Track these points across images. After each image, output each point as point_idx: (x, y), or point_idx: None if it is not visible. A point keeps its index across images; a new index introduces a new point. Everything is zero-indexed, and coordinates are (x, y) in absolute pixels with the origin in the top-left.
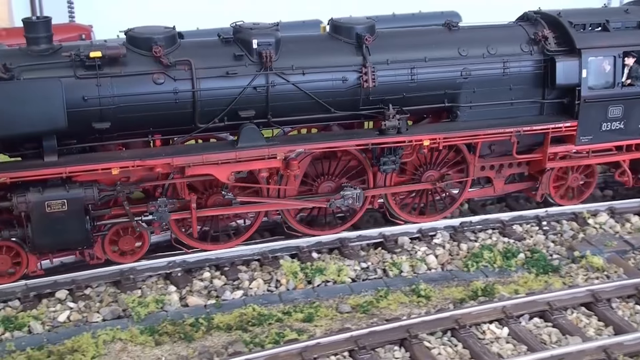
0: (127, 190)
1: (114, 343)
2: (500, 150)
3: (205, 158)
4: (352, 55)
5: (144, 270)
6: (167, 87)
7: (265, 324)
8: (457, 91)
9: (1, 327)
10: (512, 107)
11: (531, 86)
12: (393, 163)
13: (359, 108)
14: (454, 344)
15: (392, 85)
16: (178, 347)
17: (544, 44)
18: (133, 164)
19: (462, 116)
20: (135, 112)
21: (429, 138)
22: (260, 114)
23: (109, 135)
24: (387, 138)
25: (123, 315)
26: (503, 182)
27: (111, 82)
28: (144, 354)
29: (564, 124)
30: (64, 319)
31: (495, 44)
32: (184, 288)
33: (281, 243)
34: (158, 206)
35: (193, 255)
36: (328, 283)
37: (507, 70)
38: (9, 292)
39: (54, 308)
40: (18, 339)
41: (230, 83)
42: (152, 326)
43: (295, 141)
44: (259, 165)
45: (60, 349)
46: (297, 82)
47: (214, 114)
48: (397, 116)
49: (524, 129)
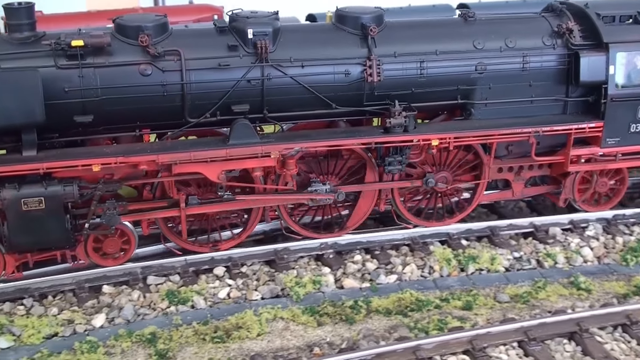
0: (110, 188)
1: (275, 322)
2: (519, 152)
3: (194, 155)
4: (356, 46)
5: (297, 250)
6: (155, 79)
7: (424, 310)
8: (472, 87)
9: (166, 300)
10: (532, 105)
11: (553, 83)
12: (399, 163)
13: (362, 104)
14: (627, 340)
15: (400, 80)
16: (340, 328)
17: (568, 37)
18: (115, 160)
19: (476, 114)
20: (120, 105)
21: (438, 137)
22: (255, 109)
23: (94, 129)
24: (392, 137)
25: (281, 295)
26: (522, 185)
27: (94, 72)
28: (306, 334)
29: (588, 124)
30: (223, 295)
31: (514, 37)
32: (337, 270)
33: (431, 229)
34: (107, 209)
35: (344, 238)
36: (482, 271)
37: (526, 65)
38: (169, 266)
39: (213, 284)
40: (183, 313)
41: (223, 75)
42: (312, 307)
43: (291, 139)
44: (252, 164)
45: (225, 324)
46: (295, 76)
47: (205, 108)
48: (404, 113)
49: (543, 129)
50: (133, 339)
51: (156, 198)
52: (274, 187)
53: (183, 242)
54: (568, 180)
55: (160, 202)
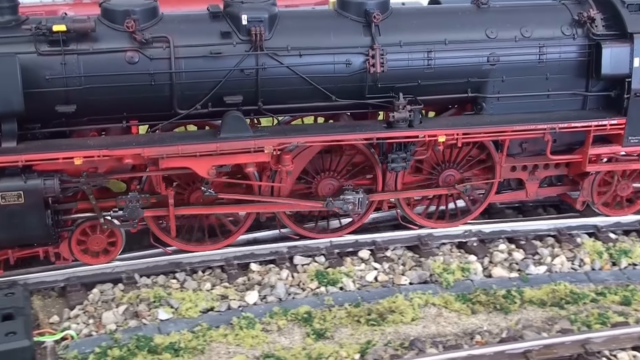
0: (94, 182)
1: (428, 307)
2: (533, 149)
3: (182, 149)
4: (358, 35)
5: (441, 237)
6: (142, 67)
7: (580, 303)
8: (483, 80)
9: (315, 281)
10: (548, 100)
11: (572, 76)
12: (403, 160)
13: (365, 96)
14: None
15: (405, 71)
16: (495, 317)
17: (589, 26)
18: (99, 153)
19: (487, 109)
20: (105, 94)
21: (445, 133)
22: (249, 100)
23: (78, 120)
24: (395, 132)
25: (429, 281)
26: (537, 185)
27: (78, 59)
28: (460, 321)
29: (609, 121)
30: (371, 278)
31: (530, 26)
32: (482, 258)
33: (578, 220)
34: (129, 201)
35: (489, 226)
36: (635, 266)
37: (543, 56)
38: (314, 247)
39: (359, 267)
40: (333, 294)
41: (215, 64)
42: (464, 294)
43: (286, 133)
44: (244, 159)
45: (378, 307)
46: (292, 65)
47: (195, 99)
48: (409, 107)
49: (559, 125)
50: (288, 317)
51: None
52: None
53: (173, 239)
54: (586, 181)
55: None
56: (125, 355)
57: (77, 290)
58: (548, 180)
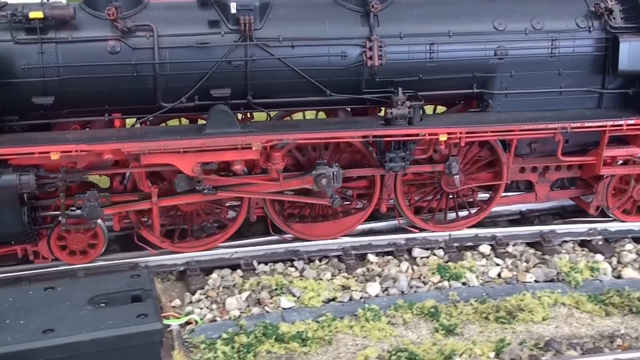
0: (72, 178)
1: (557, 307)
2: (544, 150)
3: (165, 145)
4: (355, 25)
5: (564, 234)
6: (124, 58)
7: None
8: (490, 74)
9: (437, 274)
10: (560, 97)
11: (587, 71)
12: (402, 160)
13: (361, 91)
14: None
15: (405, 65)
16: (631, 320)
17: (607, 18)
18: (77, 148)
19: (494, 106)
20: (85, 86)
21: (447, 132)
22: (238, 94)
23: (57, 112)
24: (393, 130)
25: (555, 279)
26: (548, 188)
27: (56, 48)
28: (594, 323)
29: (626, 120)
30: (494, 274)
31: (542, 17)
32: (610, 258)
33: None
34: (87, 200)
35: (614, 225)
36: None
37: (555, 50)
38: (433, 240)
39: (480, 262)
40: (456, 289)
41: (201, 55)
42: (596, 295)
43: (276, 129)
44: (231, 157)
45: (506, 305)
46: (283, 57)
47: (181, 92)
48: (408, 103)
49: (571, 125)
50: (414, 311)
51: (127, 190)
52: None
53: (156, 238)
54: (601, 184)
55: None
56: (253, 343)
57: (196, 274)
58: (560, 183)
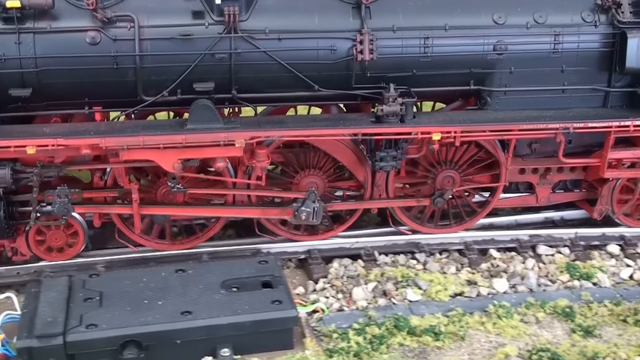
0: (50, 173)
1: None
2: (545, 151)
3: (145, 140)
4: (346, 17)
5: None
6: (104, 49)
7: None
8: (488, 71)
9: (566, 273)
10: (564, 96)
11: (593, 69)
12: (393, 159)
13: (352, 86)
14: None
15: (398, 59)
16: None
17: (614, 12)
18: (54, 142)
19: (493, 104)
20: (64, 78)
21: (440, 130)
22: (223, 88)
23: (36, 105)
24: (383, 128)
25: None
26: (549, 191)
27: (34, 39)
28: None
29: (633, 121)
30: (626, 276)
31: (546, 10)
32: None
33: None
34: (57, 196)
35: None
36: None
37: (558, 45)
38: (558, 238)
39: (609, 262)
40: (588, 290)
41: (184, 47)
42: None
43: (261, 125)
44: (213, 153)
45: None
46: (270, 50)
47: (163, 85)
48: (400, 100)
49: (574, 125)
50: (546, 309)
51: (108, 186)
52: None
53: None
54: (606, 188)
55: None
56: (385, 335)
57: (317, 263)
58: (563, 185)
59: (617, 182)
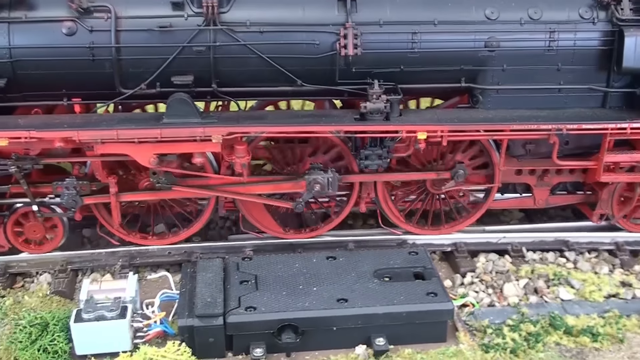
0: (24, 165)
1: None
2: (540, 152)
3: (120, 134)
4: (331, 10)
5: None
6: (81, 40)
7: None
8: (480, 68)
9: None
10: (559, 95)
11: (590, 67)
12: (379, 158)
13: (335, 82)
14: None
15: (385, 55)
16: None
17: (613, 9)
18: (27, 135)
19: (485, 102)
20: (38, 69)
21: (426, 129)
22: (203, 81)
23: (13, 96)
24: (367, 125)
25: None
26: (547, 192)
27: (9, 29)
28: None
29: (630, 123)
30: None
31: (541, 6)
32: None
33: None
34: (65, 188)
35: None
36: None
37: (554, 42)
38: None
39: None
40: None
41: (163, 39)
42: None
43: (239, 121)
44: (190, 149)
45: None
46: (251, 43)
47: (141, 78)
48: (384, 97)
49: (567, 126)
50: None
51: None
52: None
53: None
54: (605, 191)
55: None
56: (541, 333)
57: (464, 257)
58: (562, 187)
59: (617, 185)
